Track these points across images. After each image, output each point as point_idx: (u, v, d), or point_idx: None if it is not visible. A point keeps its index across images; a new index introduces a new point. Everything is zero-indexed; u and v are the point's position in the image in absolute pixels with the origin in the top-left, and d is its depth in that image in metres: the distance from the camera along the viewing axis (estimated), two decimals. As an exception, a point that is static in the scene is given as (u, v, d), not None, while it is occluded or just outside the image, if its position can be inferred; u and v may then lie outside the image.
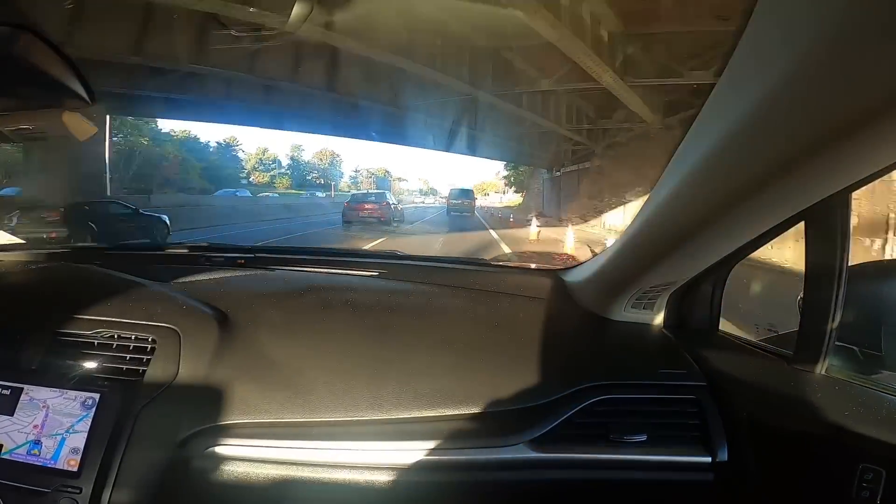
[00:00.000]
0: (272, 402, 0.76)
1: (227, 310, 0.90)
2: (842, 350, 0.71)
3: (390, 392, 0.77)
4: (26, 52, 0.51)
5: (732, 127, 0.49)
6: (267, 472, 0.74)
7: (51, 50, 0.51)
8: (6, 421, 0.75)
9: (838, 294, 0.66)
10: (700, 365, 0.81)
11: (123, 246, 1.68)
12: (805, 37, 0.38)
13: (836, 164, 0.47)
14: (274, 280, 1.14)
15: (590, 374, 0.80)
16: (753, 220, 0.62)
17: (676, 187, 0.62)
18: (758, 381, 0.75)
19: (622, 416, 0.77)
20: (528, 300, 1.05)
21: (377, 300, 1.03)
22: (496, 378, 0.79)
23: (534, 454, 0.73)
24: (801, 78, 0.40)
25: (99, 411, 0.74)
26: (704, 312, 0.90)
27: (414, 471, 0.74)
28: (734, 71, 0.48)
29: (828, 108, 0.40)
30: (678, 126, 7.26)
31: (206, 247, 1.44)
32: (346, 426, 0.75)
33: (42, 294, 0.94)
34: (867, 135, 0.41)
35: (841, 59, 0.36)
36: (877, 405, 0.63)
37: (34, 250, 1.35)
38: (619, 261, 0.85)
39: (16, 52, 0.50)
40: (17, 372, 0.79)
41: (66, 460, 0.71)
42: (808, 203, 0.57)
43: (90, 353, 0.80)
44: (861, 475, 0.58)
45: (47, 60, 0.53)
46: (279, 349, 0.83)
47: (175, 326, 0.82)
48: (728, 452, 0.73)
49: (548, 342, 0.89)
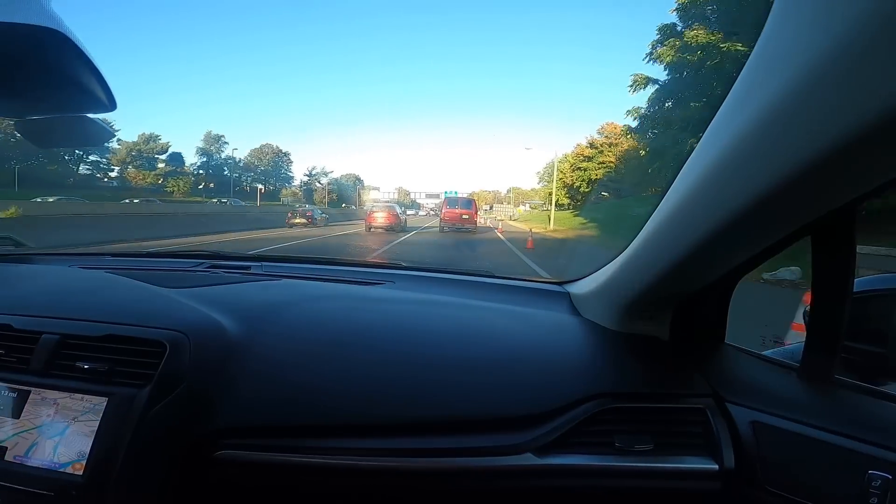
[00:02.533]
0: (279, 406, 0.76)
1: (235, 316, 0.91)
2: (849, 361, 0.72)
3: (396, 399, 0.77)
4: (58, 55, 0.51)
5: (737, 141, 0.50)
6: (274, 476, 0.73)
7: (80, 54, 0.50)
8: (13, 423, 0.75)
9: (845, 306, 0.67)
10: (706, 376, 0.81)
11: (132, 252, 1.69)
12: (810, 50, 0.39)
13: (840, 178, 0.48)
14: (280, 288, 1.15)
15: (596, 385, 0.80)
16: (758, 234, 0.63)
17: (681, 201, 0.63)
18: (765, 391, 0.75)
19: (628, 425, 0.77)
20: (534, 311, 1.06)
21: (383, 309, 1.04)
22: (502, 387, 0.79)
23: (540, 462, 0.73)
24: (803, 91, 0.41)
25: (106, 415, 0.74)
26: (710, 324, 0.91)
27: (420, 477, 0.73)
28: (740, 85, 0.49)
29: (831, 121, 0.41)
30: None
31: (213, 254, 1.46)
32: (350, 431, 0.75)
33: (52, 298, 0.95)
34: (870, 148, 0.41)
35: (845, 72, 0.37)
36: (884, 413, 0.64)
37: (43, 254, 1.36)
38: (624, 274, 0.86)
39: (47, 56, 0.50)
40: (25, 374, 0.80)
41: (72, 463, 0.71)
42: (814, 216, 0.57)
43: (99, 357, 0.81)
44: (869, 482, 0.58)
45: (76, 64, 0.52)
46: (286, 356, 0.84)
47: (185, 332, 0.82)
48: (735, 460, 0.73)
49: (554, 353, 0.90)
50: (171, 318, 0.86)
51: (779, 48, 0.44)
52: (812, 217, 0.57)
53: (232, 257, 1.46)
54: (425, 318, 1.00)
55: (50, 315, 0.87)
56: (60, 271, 1.18)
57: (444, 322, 0.99)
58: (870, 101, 0.38)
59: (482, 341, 0.91)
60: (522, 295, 1.19)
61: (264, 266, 1.35)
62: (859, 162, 0.44)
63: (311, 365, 0.82)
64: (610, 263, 0.94)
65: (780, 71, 0.42)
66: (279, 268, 1.36)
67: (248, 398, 0.77)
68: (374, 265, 1.55)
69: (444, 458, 0.74)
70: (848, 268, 0.65)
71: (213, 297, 1.01)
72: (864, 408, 0.66)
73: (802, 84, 0.40)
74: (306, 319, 0.96)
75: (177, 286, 1.05)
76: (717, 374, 0.81)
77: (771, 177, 0.48)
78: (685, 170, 0.61)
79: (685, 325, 0.91)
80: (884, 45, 0.34)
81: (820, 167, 0.45)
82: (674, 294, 0.84)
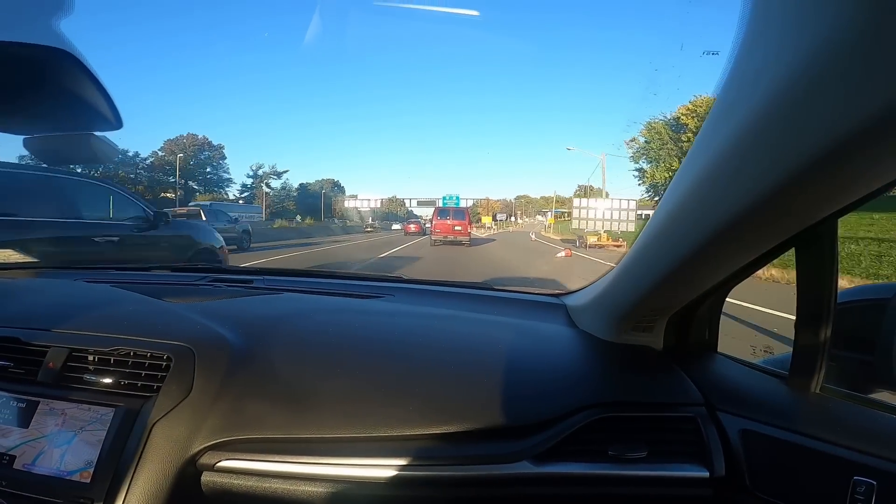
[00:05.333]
0: (282, 418, 0.78)
1: (239, 330, 0.93)
2: (835, 369, 0.73)
3: (395, 409, 0.78)
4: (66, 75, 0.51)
5: (719, 158, 0.51)
6: (276, 487, 0.75)
7: (87, 72, 0.51)
8: (21, 433, 0.77)
9: (830, 315, 0.69)
10: (698, 385, 0.83)
11: (136, 267, 1.72)
12: (786, 66, 0.39)
13: (820, 194, 0.49)
14: (282, 302, 1.17)
15: (591, 395, 0.82)
16: (744, 247, 0.64)
17: (669, 215, 0.65)
18: (754, 400, 0.77)
19: (622, 434, 0.78)
20: (531, 323, 1.08)
21: (383, 322, 1.06)
22: (499, 396, 0.81)
23: (536, 469, 0.75)
24: (780, 108, 0.41)
25: (113, 425, 0.76)
26: (702, 334, 0.92)
27: (419, 486, 0.75)
28: (720, 102, 0.50)
29: (806, 138, 0.42)
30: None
31: (215, 268, 1.49)
32: (353, 442, 0.76)
33: (59, 311, 0.98)
34: (846, 163, 0.42)
35: (821, 90, 0.38)
36: (869, 420, 0.66)
37: (51, 268, 1.39)
38: (617, 286, 0.88)
39: (56, 75, 0.51)
40: (33, 386, 0.82)
41: (80, 471, 0.72)
42: (797, 229, 0.59)
43: (106, 370, 0.83)
44: (854, 487, 0.60)
45: (83, 84, 0.53)
46: (287, 368, 0.86)
47: (190, 345, 0.85)
48: (725, 468, 0.74)
49: (550, 363, 0.92)
50: (176, 331, 0.88)
51: (752, 67, 0.45)
52: (794, 230, 0.59)
53: (234, 271, 1.49)
54: (424, 331, 1.02)
55: (57, 329, 0.89)
56: (66, 285, 1.20)
57: (442, 335, 1.01)
58: (844, 117, 0.38)
59: (481, 353, 0.93)
60: (520, 307, 1.21)
61: (266, 280, 1.37)
62: (837, 177, 0.45)
63: (313, 378, 0.84)
64: (605, 276, 0.96)
65: (756, 89, 0.44)
66: (281, 281, 1.39)
67: (251, 411, 0.78)
68: (375, 279, 1.58)
69: (442, 466, 0.75)
70: (831, 277, 0.68)
71: (217, 310, 1.03)
72: (851, 415, 0.68)
73: (779, 101, 0.41)
74: (308, 333, 0.98)
75: (181, 300, 1.07)
76: (708, 383, 0.83)
77: (753, 192, 0.50)
78: (672, 185, 0.63)
79: (678, 335, 0.93)
80: (856, 62, 0.35)
81: (799, 183, 0.46)
82: (666, 306, 0.86)
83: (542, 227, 48.91)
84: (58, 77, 0.52)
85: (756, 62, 0.44)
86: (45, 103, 0.58)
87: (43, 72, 0.51)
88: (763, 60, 0.43)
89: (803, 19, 0.38)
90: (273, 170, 56.57)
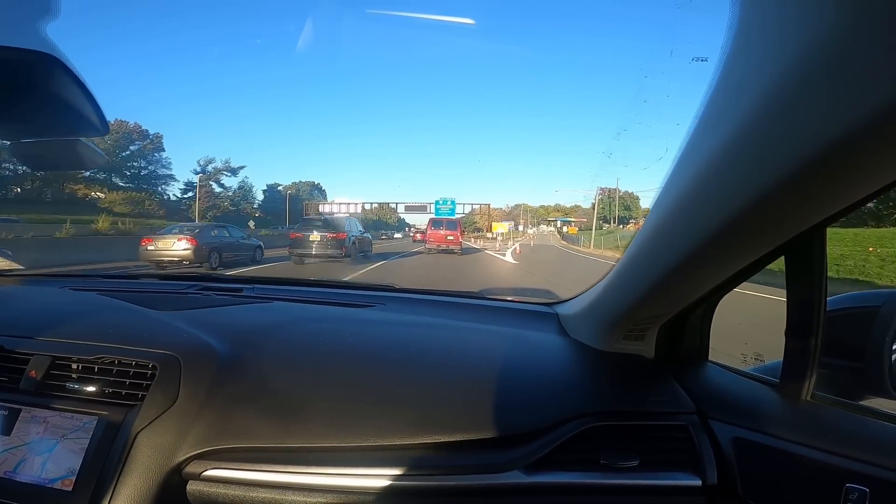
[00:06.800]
0: (269, 427, 0.76)
1: (227, 338, 0.92)
2: (825, 376, 0.74)
3: (386, 419, 0.77)
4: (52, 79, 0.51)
5: (706, 167, 0.51)
6: (263, 497, 0.73)
7: (73, 78, 0.51)
8: (3, 440, 0.75)
9: (820, 322, 0.69)
10: (690, 393, 0.83)
11: (123, 274, 1.70)
12: (771, 74, 0.40)
13: (808, 201, 0.49)
14: (271, 311, 1.16)
15: (582, 404, 0.81)
16: (734, 256, 0.64)
17: (658, 225, 0.65)
18: (746, 407, 0.76)
19: (614, 443, 0.78)
20: (523, 332, 1.08)
21: (374, 332, 1.05)
22: (491, 406, 0.80)
23: (528, 479, 0.74)
24: (767, 117, 0.42)
25: (96, 434, 0.74)
26: (694, 343, 0.92)
27: (410, 496, 0.74)
28: (709, 107, 0.50)
29: (796, 144, 0.42)
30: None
31: (204, 276, 1.47)
32: (342, 452, 0.75)
33: (43, 319, 0.96)
34: (835, 170, 0.43)
35: (806, 97, 0.38)
36: (860, 427, 0.66)
37: (35, 275, 1.37)
38: (609, 295, 0.88)
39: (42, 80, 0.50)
40: (16, 394, 0.80)
41: (61, 479, 0.71)
42: (786, 238, 0.59)
43: (90, 378, 0.81)
44: (846, 495, 0.60)
45: (70, 89, 0.52)
46: (276, 377, 0.84)
47: (176, 353, 0.83)
48: (718, 476, 0.74)
49: (542, 372, 0.91)
50: (161, 340, 0.87)
51: (738, 75, 0.45)
52: (782, 239, 0.59)
53: (223, 279, 1.47)
54: (415, 340, 1.02)
55: (41, 336, 0.87)
56: (52, 293, 1.18)
57: (434, 344, 1.00)
58: (830, 123, 0.38)
59: (472, 362, 0.92)
60: (512, 316, 1.21)
61: (256, 288, 1.36)
62: (825, 184, 0.45)
63: (302, 387, 0.83)
64: (596, 285, 0.96)
65: (743, 96, 0.44)
66: (271, 290, 1.37)
67: (238, 420, 0.77)
68: (366, 287, 1.57)
69: (433, 476, 0.74)
70: (821, 285, 0.68)
71: (205, 319, 1.02)
72: (842, 422, 0.68)
73: (765, 108, 0.42)
74: (297, 342, 0.97)
75: (168, 309, 1.06)
76: (700, 391, 0.83)
77: (741, 200, 0.50)
78: (662, 193, 0.63)
79: (670, 343, 0.93)
80: (840, 68, 0.35)
81: (787, 190, 0.46)
82: (657, 314, 0.86)
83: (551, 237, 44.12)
84: (43, 81, 0.51)
85: (742, 70, 0.45)
86: (31, 108, 0.58)
87: (28, 76, 0.50)
88: (749, 68, 0.43)
89: (787, 28, 0.38)
90: (226, 165, 47.35)
